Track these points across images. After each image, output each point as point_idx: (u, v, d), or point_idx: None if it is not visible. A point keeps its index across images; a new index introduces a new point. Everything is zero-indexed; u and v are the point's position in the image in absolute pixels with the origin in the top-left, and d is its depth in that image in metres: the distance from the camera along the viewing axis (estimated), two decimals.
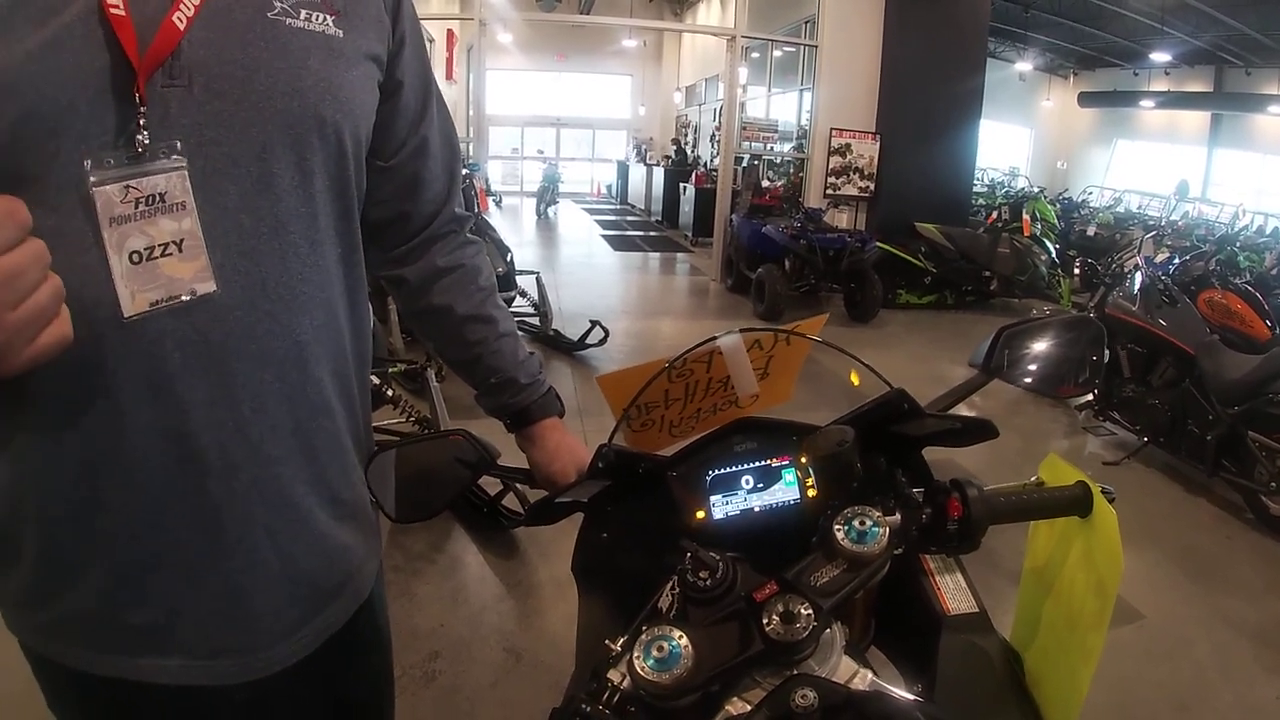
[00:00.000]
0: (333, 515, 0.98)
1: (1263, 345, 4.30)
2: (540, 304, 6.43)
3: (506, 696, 2.55)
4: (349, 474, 1.01)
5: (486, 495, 3.50)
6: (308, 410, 0.91)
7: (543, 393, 1.23)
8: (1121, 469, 4.62)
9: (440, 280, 1.15)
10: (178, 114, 0.76)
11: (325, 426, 0.94)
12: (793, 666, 0.78)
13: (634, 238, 14.97)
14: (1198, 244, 8.70)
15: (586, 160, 24.95)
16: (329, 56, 0.86)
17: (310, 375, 0.90)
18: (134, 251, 0.75)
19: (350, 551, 1.02)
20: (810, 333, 1.31)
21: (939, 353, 7.10)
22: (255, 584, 0.90)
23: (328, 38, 0.86)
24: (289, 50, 0.83)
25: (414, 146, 1.06)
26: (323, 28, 0.86)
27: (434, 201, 1.13)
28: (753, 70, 15.83)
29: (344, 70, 0.88)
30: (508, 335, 1.20)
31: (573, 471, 1.18)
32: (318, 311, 0.91)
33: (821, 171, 9.58)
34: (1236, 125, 19.13)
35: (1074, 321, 1.37)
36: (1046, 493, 0.96)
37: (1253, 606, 3.31)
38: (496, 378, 1.19)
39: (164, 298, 0.77)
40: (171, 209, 0.76)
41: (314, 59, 0.85)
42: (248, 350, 0.83)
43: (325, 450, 0.95)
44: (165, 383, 0.79)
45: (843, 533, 0.84)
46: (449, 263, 1.16)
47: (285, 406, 0.88)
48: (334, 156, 0.89)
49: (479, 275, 1.20)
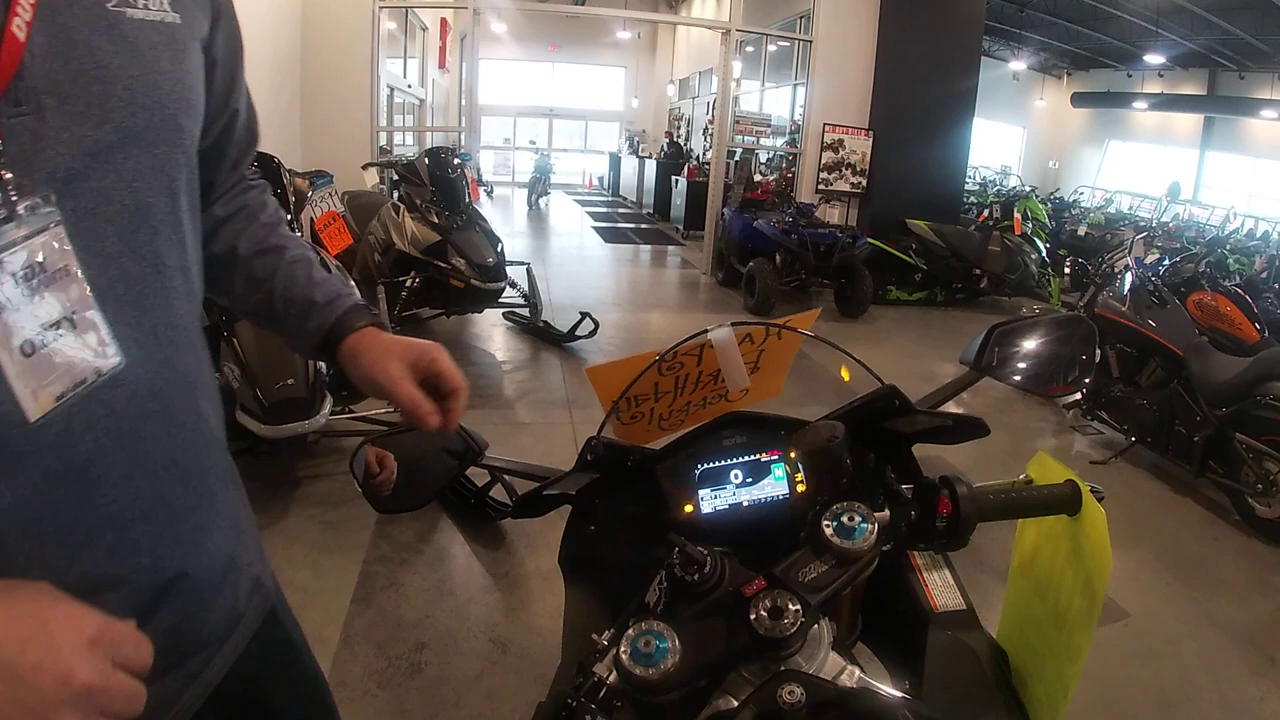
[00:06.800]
0: (239, 545, 0.91)
1: (1251, 348, 4.32)
2: (530, 295, 6.41)
3: (492, 688, 2.55)
4: (239, 494, 0.95)
5: (474, 486, 3.49)
6: (205, 449, 0.84)
7: (347, 307, 1.03)
8: (1109, 468, 4.64)
9: (220, 230, 1.02)
10: (32, 151, 0.63)
11: (218, 460, 0.88)
12: (780, 662, 0.78)
13: (625, 230, 14.96)
14: (1188, 246, 8.74)
15: (579, 151, 24.96)
16: (175, 52, 0.75)
17: (200, 413, 0.83)
18: (25, 342, 0.63)
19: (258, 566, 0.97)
20: (802, 328, 1.30)
21: (928, 349, 7.13)
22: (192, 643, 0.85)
23: (169, 26, 0.74)
24: (139, 51, 0.71)
25: (224, 122, 0.94)
26: (161, 14, 0.74)
27: (232, 169, 1.02)
28: (747, 64, 15.83)
29: (189, 64, 0.78)
30: (299, 260, 1.05)
31: (396, 367, 0.96)
32: (196, 342, 0.83)
33: (814, 167, 9.59)
34: (1229, 128, 19.21)
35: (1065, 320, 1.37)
36: (1035, 491, 0.96)
37: (1238, 607, 3.32)
38: (294, 308, 1.02)
39: (69, 387, 0.66)
40: (54, 279, 0.65)
41: (164, 58, 0.73)
42: (155, 411, 0.75)
43: (219, 483, 0.88)
44: (79, 471, 0.69)
45: (831, 528, 0.84)
46: (229, 209, 1.03)
47: (190, 454, 0.81)
48: (191, 168, 0.81)
49: (262, 211, 1.06)
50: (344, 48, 8.07)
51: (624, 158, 20.94)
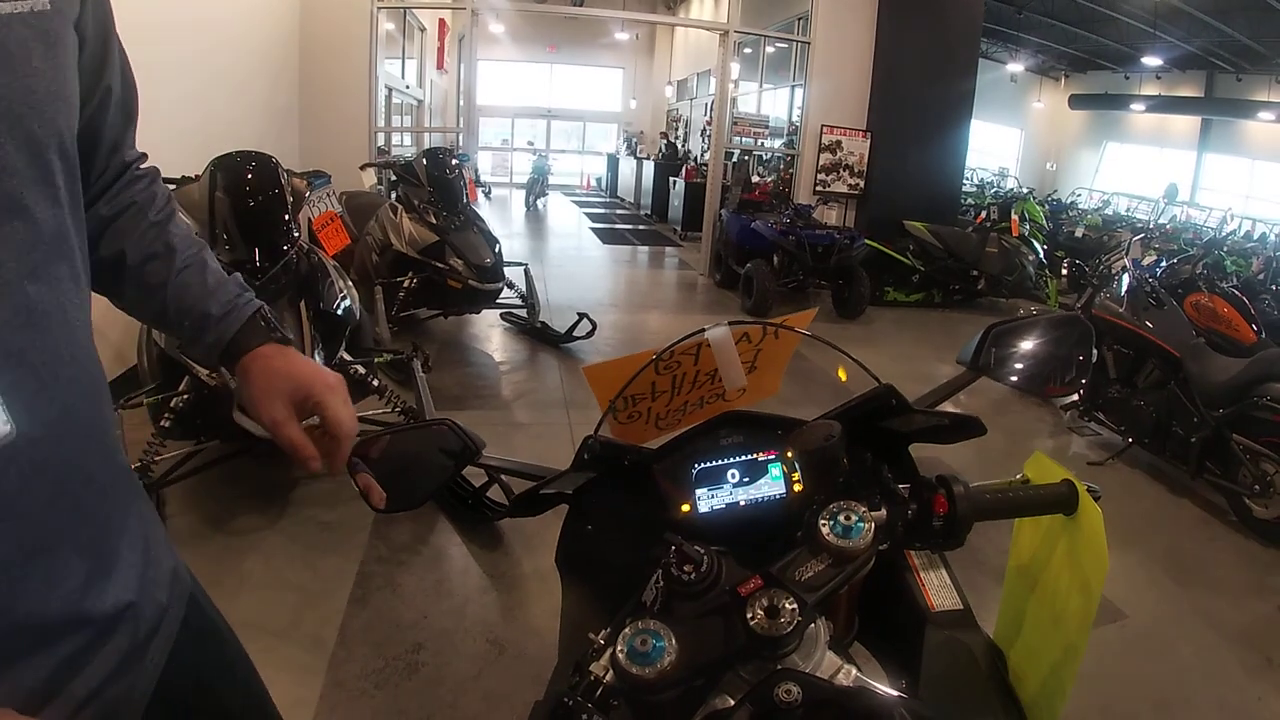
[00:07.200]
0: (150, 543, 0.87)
1: (1248, 349, 4.32)
2: (528, 295, 6.41)
3: (489, 688, 2.54)
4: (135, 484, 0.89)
5: (471, 487, 3.48)
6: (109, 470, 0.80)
7: (243, 321, 0.98)
8: (1106, 469, 4.64)
9: (107, 232, 0.94)
10: None
11: (119, 468, 0.83)
12: (776, 661, 0.77)
13: (623, 231, 14.95)
14: (1185, 247, 8.76)
15: (576, 153, 24.96)
16: (48, 47, 0.68)
17: (105, 441, 0.79)
18: None
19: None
20: (799, 327, 1.30)
21: (926, 351, 7.13)
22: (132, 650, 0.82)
23: (39, 16, 0.67)
24: (9, 53, 0.64)
25: (96, 102, 0.86)
26: (31, 3, 0.66)
27: (110, 152, 0.93)
28: (745, 65, 15.81)
29: (63, 58, 0.71)
30: (190, 266, 0.97)
31: (279, 406, 0.94)
32: (92, 358, 0.77)
33: (811, 168, 9.59)
34: (1226, 130, 19.25)
35: (1062, 321, 1.37)
36: (1032, 490, 0.96)
37: (1235, 608, 3.32)
38: (188, 319, 0.96)
39: None
40: None
41: (36, 56, 0.66)
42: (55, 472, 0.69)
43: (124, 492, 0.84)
44: None
45: (828, 527, 0.83)
46: (114, 208, 0.95)
47: (94, 489, 0.76)
48: (73, 172, 0.74)
49: (150, 207, 0.97)
50: (342, 48, 8.06)
51: (622, 159, 20.96)
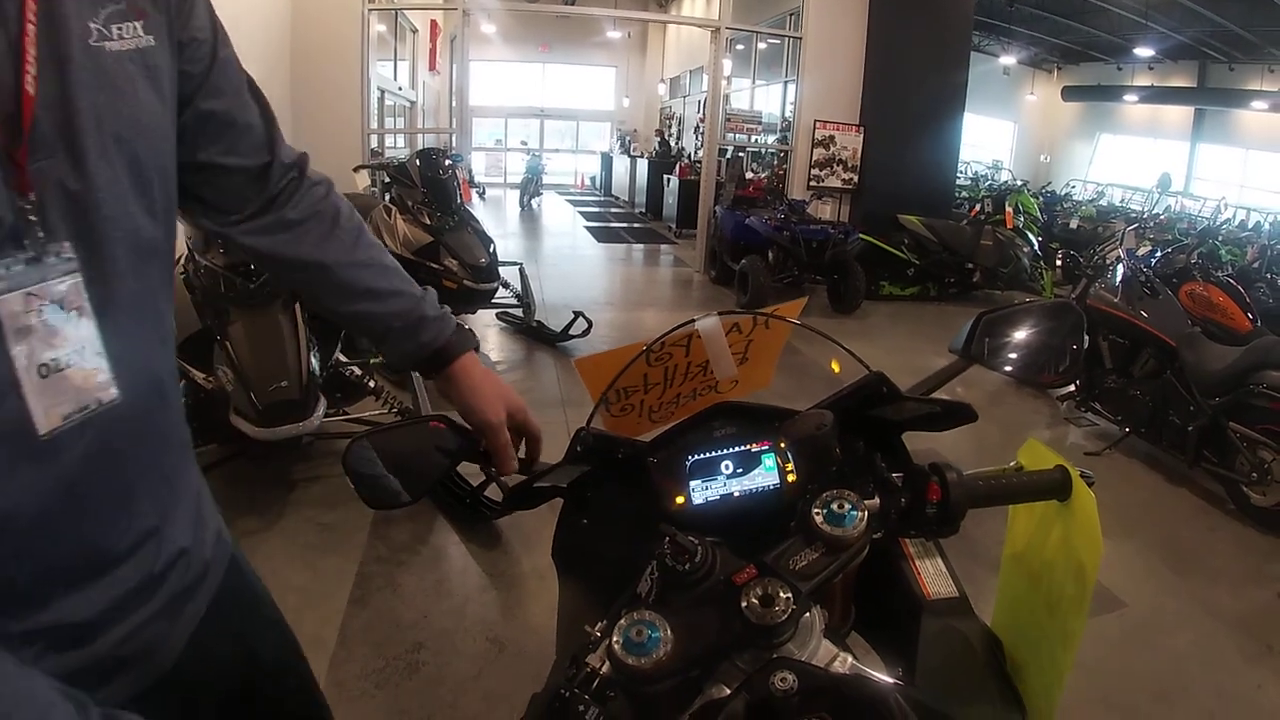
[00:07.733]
0: (201, 501, 0.98)
1: (1243, 337, 4.34)
2: (523, 295, 6.41)
3: (489, 687, 2.54)
4: (192, 454, 0.99)
5: (468, 485, 3.48)
6: (175, 436, 0.91)
7: (455, 325, 1.12)
8: (1103, 459, 4.65)
9: (297, 233, 1.04)
10: (55, 195, 0.69)
11: (181, 436, 0.93)
12: (772, 650, 0.77)
13: (618, 229, 14.94)
14: (1180, 237, 8.76)
15: (570, 152, 24.94)
16: (150, 80, 0.78)
17: (173, 410, 0.90)
18: (42, 364, 0.68)
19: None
20: (788, 316, 1.30)
21: (921, 344, 7.13)
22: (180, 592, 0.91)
23: (142, 52, 0.77)
24: (117, 85, 0.74)
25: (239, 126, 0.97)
26: (136, 40, 0.76)
27: (259, 150, 1.00)
28: (737, 62, 15.84)
29: (163, 88, 0.80)
30: (395, 270, 1.11)
31: (502, 410, 1.09)
32: (172, 350, 0.89)
33: (805, 163, 9.58)
34: (1219, 120, 19.28)
35: (1053, 308, 1.36)
36: (1026, 476, 0.96)
37: (1234, 596, 3.33)
38: (402, 320, 1.08)
39: (75, 409, 0.71)
40: (71, 314, 0.71)
41: (140, 88, 0.76)
42: (141, 432, 0.81)
43: (184, 457, 0.94)
44: (71, 492, 0.73)
45: (821, 516, 0.83)
46: (301, 214, 1.04)
47: (164, 451, 0.88)
48: (167, 186, 0.82)
49: (339, 216, 1.08)
50: (334, 51, 8.03)
51: (616, 157, 20.92)
